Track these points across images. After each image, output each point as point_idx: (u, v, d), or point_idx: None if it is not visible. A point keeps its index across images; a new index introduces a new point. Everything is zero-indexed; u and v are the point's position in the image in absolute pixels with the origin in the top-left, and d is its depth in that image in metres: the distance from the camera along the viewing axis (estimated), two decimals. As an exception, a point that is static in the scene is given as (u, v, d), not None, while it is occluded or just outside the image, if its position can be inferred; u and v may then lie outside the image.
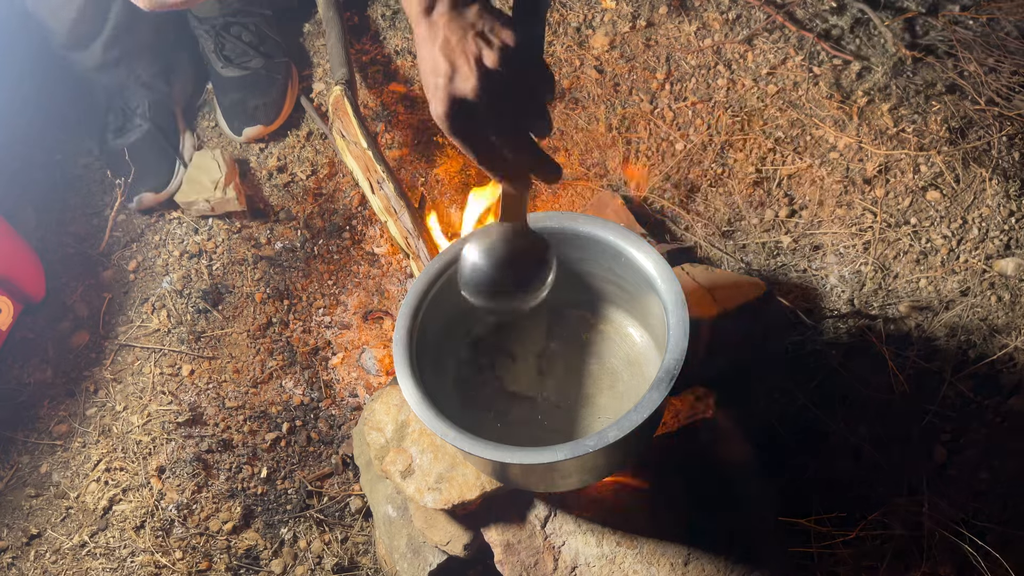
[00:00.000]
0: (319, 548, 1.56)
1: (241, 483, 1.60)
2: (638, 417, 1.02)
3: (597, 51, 1.91)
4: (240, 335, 1.72)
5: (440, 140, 1.87)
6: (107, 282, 1.80)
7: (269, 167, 1.89)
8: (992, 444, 1.42)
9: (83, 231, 1.86)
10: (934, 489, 1.39)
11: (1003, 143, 1.65)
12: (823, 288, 1.61)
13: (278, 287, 1.76)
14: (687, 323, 1.08)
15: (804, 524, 1.36)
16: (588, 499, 1.29)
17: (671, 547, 1.26)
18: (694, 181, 1.75)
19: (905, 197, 1.64)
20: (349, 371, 1.69)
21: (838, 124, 1.73)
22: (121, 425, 1.64)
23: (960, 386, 1.47)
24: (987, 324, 1.51)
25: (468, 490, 1.26)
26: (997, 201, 1.60)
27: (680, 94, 1.84)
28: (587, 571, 1.26)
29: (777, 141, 1.74)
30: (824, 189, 1.69)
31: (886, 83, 1.75)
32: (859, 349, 1.53)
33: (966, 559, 1.30)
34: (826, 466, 1.46)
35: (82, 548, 1.56)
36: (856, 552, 1.35)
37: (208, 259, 1.80)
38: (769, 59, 1.83)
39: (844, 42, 1.83)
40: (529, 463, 1.06)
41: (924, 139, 1.68)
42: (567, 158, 1.81)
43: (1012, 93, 1.68)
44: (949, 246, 1.59)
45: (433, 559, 1.35)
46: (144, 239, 1.84)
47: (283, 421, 1.64)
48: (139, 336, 1.73)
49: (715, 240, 1.68)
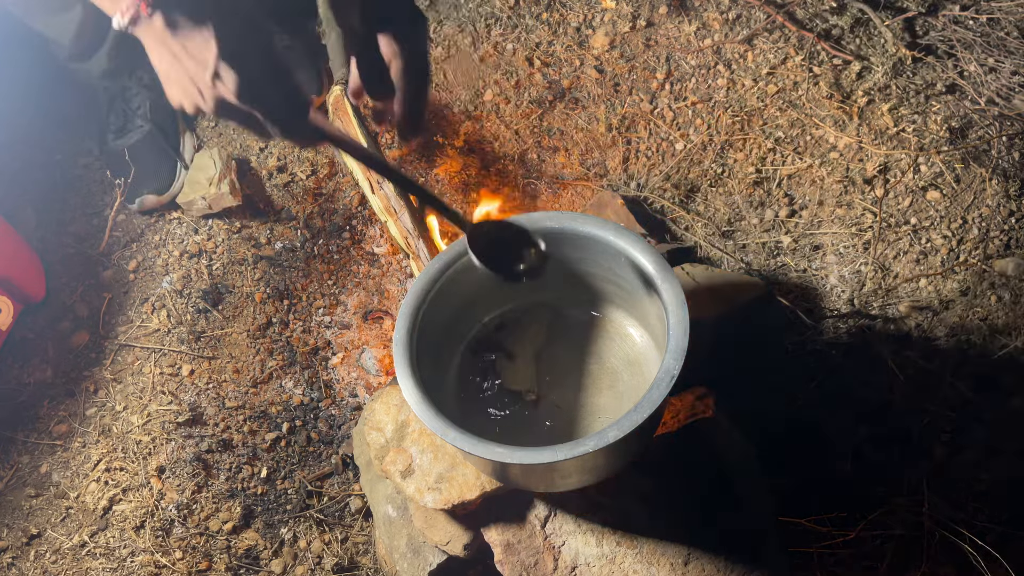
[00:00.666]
0: (319, 548, 1.56)
1: (241, 483, 1.60)
2: (638, 417, 1.02)
3: (597, 51, 1.91)
4: (240, 335, 1.72)
5: (440, 140, 1.87)
6: (107, 282, 1.80)
7: (269, 167, 1.89)
8: (992, 444, 1.42)
9: (83, 231, 1.86)
10: (934, 489, 1.39)
11: (1003, 143, 1.65)
12: (823, 288, 1.61)
13: (278, 287, 1.76)
14: (687, 323, 1.08)
15: (804, 524, 1.36)
16: (588, 499, 1.29)
17: (671, 547, 1.26)
18: (694, 181, 1.75)
19: (905, 197, 1.64)
20: (349, 371, 1.69)
21: (838, 124, 1.73)
22: (121, 425, 1.64)
23: (960, 386, 1.47)
24: (987, 324, 1.51)
25: (468, 490, 1.26)
26: (997, 201, 1.60)
27: (680, 94, 1.84)
28: (587, 571, 1.25)
29: (777, 141, 1.74)
30: (824, 189, 1.69)
31: (886, 83, 1.75)
32: (859, 349, 1.53)
33: (966, 559, 1.30)
34: (826, 466, 1.46)
35: (82, 548, 1.56)
36: (856, 552, 1.35)
37: (208, 259, 1.80)
38: (769, 59, 1.83)
39: (844, 42, 1.83)
40: (528, 463, 1.06)
41: (924, 139, 1.68)
42: (567, 158, 1.81)
43: (1012, 93, 1.68)
44: (949, 246, 1.59)
45: (433, 559, 1.35)
46: (144, 239, 1.84)
47: (283, 421, 1.64)
48: (139, 336, 1.73)
49: (715, 240, 1.68)
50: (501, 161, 1.82)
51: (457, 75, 1.94)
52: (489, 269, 1.07)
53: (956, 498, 1.38)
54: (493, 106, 1.88)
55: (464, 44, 1.96)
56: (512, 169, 1.81)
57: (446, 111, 1.90)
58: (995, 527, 1.34)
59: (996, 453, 1.41)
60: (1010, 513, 1.36)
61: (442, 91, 1.92)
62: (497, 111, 1.87)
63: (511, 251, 1.09)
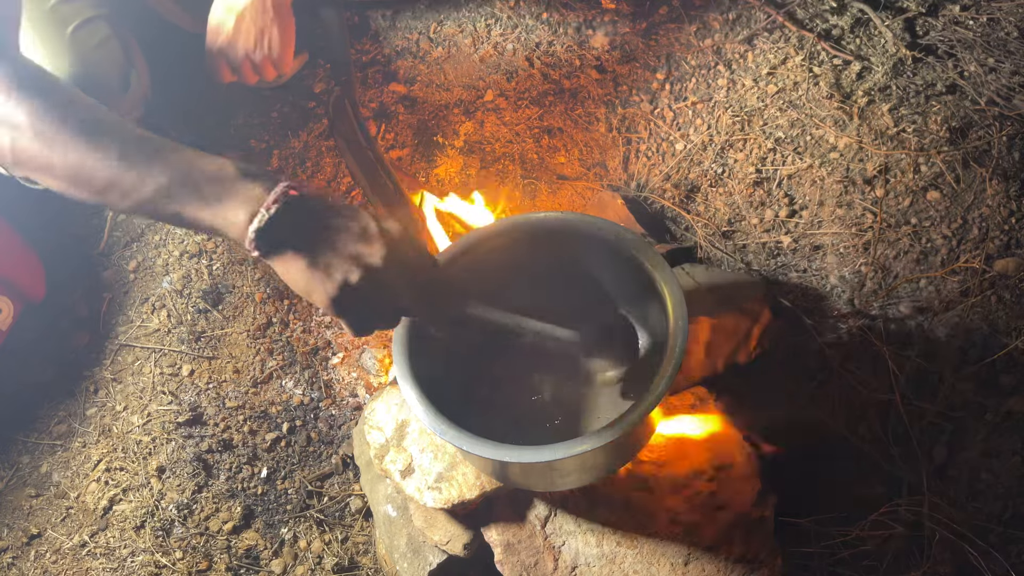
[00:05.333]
0: (319, 548, 1.56)
1: (241, 483, 1.60)
2: (636, 417, 1.03)
3: (597, 51, 1.91)
4: (240, 335, 1.72)
5: (440, 140, 1.87)
6: (107, 282, 1.80)
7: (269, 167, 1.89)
8: (992, 444, 1.42)
9: (83, 231, 1.86)
10: (934, 489, 1.39)
11: (1003, 143, 1.64)
12: (823, 288, 1.61)
13: (278, 287, 1.76)
14: (686, 323, 1.08)
15: (804, 524, 1.36)
16: (588, 499, 1.29)
17: (671, 547, 1.26)
18: (694, 181, 1.75)
19: (905, 197, 1.64)
20: (349, 371, 1.68)
21: (838, 124, 1.73)
22: (121, 425, 1.64)
23: (960, 386, 1.47)
24: (987, 324, 1.51)
25: (468, 489, 1.26)
26: (997, 201, 1.60)
27: (680, 94, 1.84)
28: (587, 571, 1.25)
29: (777, 141, 1.74)
30: (824, 189, 1.69)
31: (886, 83, 1.75)
32: (859, 349, 1.53)
33: (966, 559, 1.30)
34: (826, 466, 1.46)
35: (82, 548, 1.56)
36: (856, 552, 1.35)
37: (208, 259, 1.80)
38: (769, 59, 1.83)
39: (844, 42, 1.83)
40: (526, 461, 1.06)
41: (924, 139, 1.68)
42: (567, 158, 1.81)
43: (1012, 93, 1.68)
44: (949, 246, 1.59)
45: (433, 559, 1.35)
46: (144, 239, 1.84)
47: (283, 421, 1.64)
48: (139, 336, 1.73)
49: (715, 240, 1.68)
50: (501, 161, 1.82)
51: (457, 75, 1.94)
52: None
53: (956, 498, 1.38)
54: (493, 106, 1.88)
55: (464, 44, 1.96)
56: (512, 169, 1.81)
57: (446, 111, 1.90)
58: (995, 527, 1.34)
59: (996, 453, 1.41)
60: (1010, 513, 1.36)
61: (442, 91, 1.92)
62: (497, 111, 1.87)
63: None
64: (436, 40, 1.97)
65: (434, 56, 1.97)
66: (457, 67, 1.94)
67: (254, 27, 1.50)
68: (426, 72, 1.96)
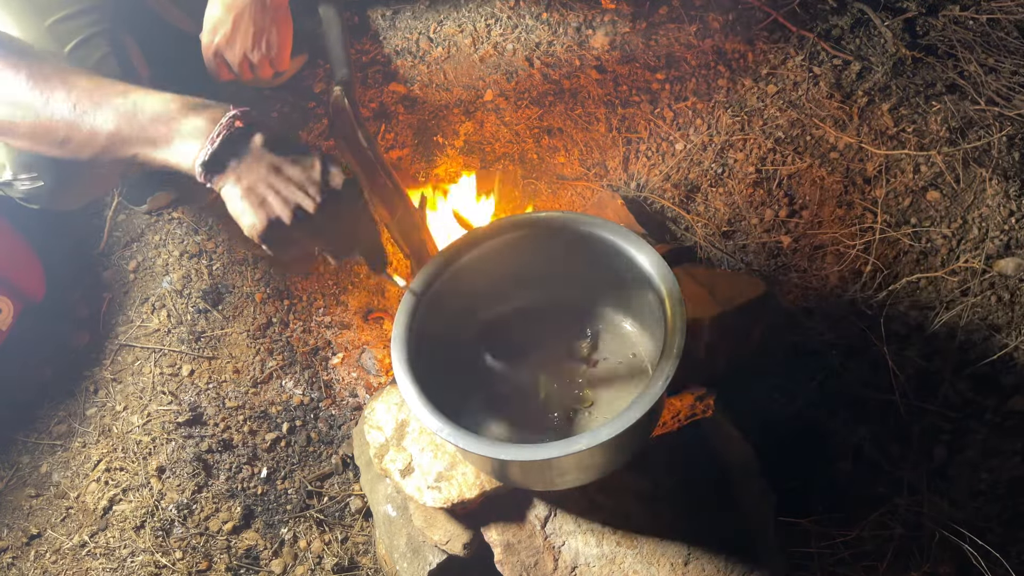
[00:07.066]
0: (319, 548, 1.56)
1: (241, 483, 1.60)
2: (633, 415, 1.02)
3: (597, 51, 1.91)
4: (240, 335, 1.72)
5: (440, 140, 1.87)
6: (107, 282, 1.80)
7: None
8: (992, 444, 1.42)
9: (83, 231, 1.87)
10: (934, 489, 1.39)
11: (1003, 143, 1.64)
12: (823, 288, 1.61)
13: (278, 287, 1.76)
14: (684, 322, 1.08)
15: (804, 524, 1.36)
16: (588, 499, 1.29)
17: (671, 547, 1.26)
18: (694, 181, 1.74)
19: (905, 197, 1.64)
20: (349, 371, 1.69)
21: (838, 124, 1.73)
22: (121, 425, 1.64)
23: (960, 386, 1.47)
24: (987, 324, 1.51)
25: (468, 489, 1.26)
26: (997, 201, 1.60)
27: (680, 94, 1.84)
28: (587, 571, 1.25)
29: (777, 141, 1.74)
30: (824, 189, 1.69)
31: (886, 83, 1.75)
32: (859, 349, 1.53)
33: (966, 559, 1.30)
34: (826, 466, 1.45)
35: (82, 548, 1.56)
36: (856, 552, 1.35)
37: (208, 259, 1.80)
38: (769, 59, 1.83)
39: (844, 42, 1.83)
40: (524, 460, 1.06)
41: (924, 139, 1.68)
42: (567, 158, 1.81)
43: (1012, 93, 1.68)
44: (949, 246, 1.59)
45: (433, 558, 1.34)
46: (144, 239, 1.84)
47: (283, 421, 1.64)
48: (139, 336, 1.73)
49: (715, 240, 1.68)
50: (501, 161, 1.83)
51: (457, 75, 1.94)
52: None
53: (956, 498, 1.38)
54: (493, 106, 1.88)
55: (464, 44, 1.96)
56: (512, 169, 1.81)
57: (446, 111, 1.90)
58: (995, 527, 1.34)
59: (996, 453, 1.41)
60: (1010, 513, 1.36)
61: (442, 91, 1.93)
62: (497, 111, 1.87)
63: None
64: (436, 40, 1.98)
65: (434, 56, 1.97)
66: (457, 67, 1.94)
67: (252, 26, 1.50)
68: (426, 72, 1.96)
